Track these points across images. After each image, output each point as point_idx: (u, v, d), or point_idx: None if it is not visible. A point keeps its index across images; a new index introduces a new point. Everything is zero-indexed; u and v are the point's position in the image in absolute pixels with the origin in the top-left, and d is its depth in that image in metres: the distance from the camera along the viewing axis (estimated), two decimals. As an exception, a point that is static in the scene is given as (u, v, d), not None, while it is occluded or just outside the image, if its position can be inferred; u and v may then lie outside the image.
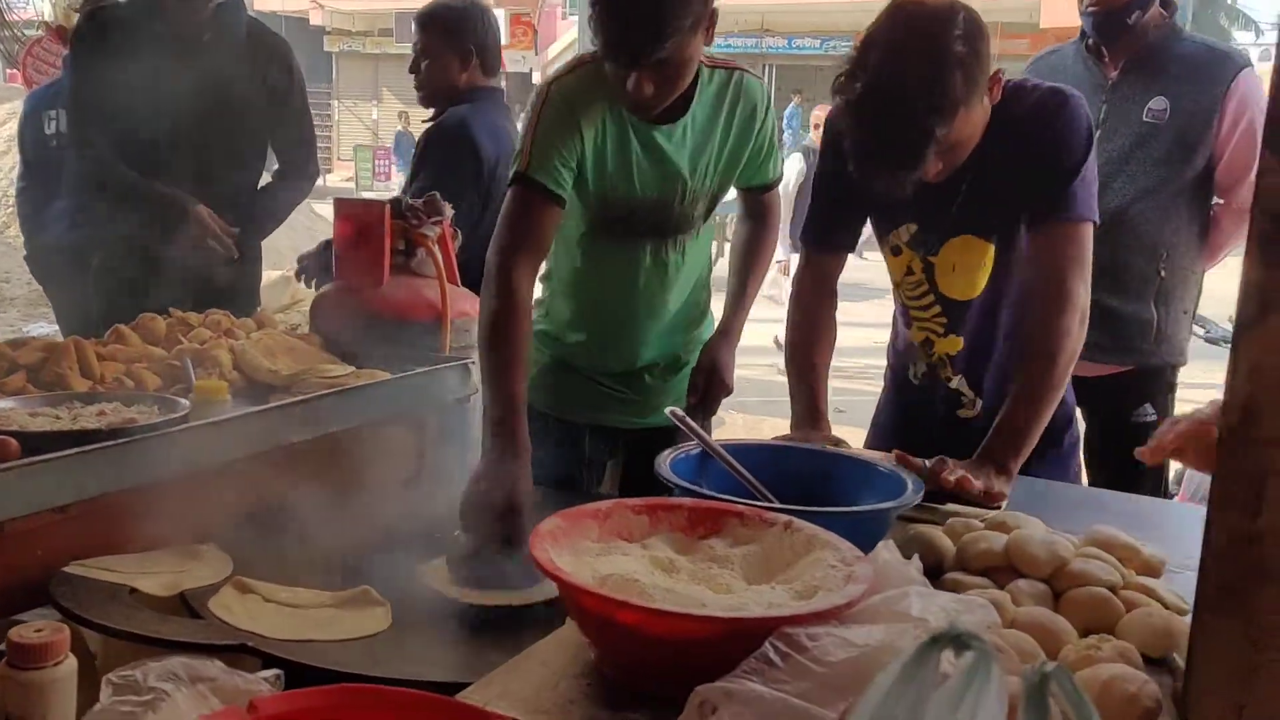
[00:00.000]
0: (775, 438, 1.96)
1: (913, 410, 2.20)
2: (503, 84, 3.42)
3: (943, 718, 0.64)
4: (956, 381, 2.11)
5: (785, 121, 22.76)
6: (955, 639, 0.62)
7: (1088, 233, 1.92)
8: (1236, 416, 0.61)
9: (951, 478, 1.73)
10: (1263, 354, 0.60)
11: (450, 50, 3.04)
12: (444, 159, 2.95)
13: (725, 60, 2.15)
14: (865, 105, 1.77)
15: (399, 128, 22.37)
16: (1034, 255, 1.95)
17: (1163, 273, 2.68)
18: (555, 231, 2.04)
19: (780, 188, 2.39)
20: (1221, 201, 2.75)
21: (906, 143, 1.74)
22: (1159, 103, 2.63)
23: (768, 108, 2.17)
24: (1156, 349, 2.71)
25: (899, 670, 0.64)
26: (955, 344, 2.08)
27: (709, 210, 2.21)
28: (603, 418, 2.33)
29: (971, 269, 2.00)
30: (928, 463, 1.76)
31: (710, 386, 2.19)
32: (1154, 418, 2.71)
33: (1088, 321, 1.92)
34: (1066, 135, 1.90)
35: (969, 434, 2.04)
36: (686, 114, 2.06)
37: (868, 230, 2.21)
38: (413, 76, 3.09)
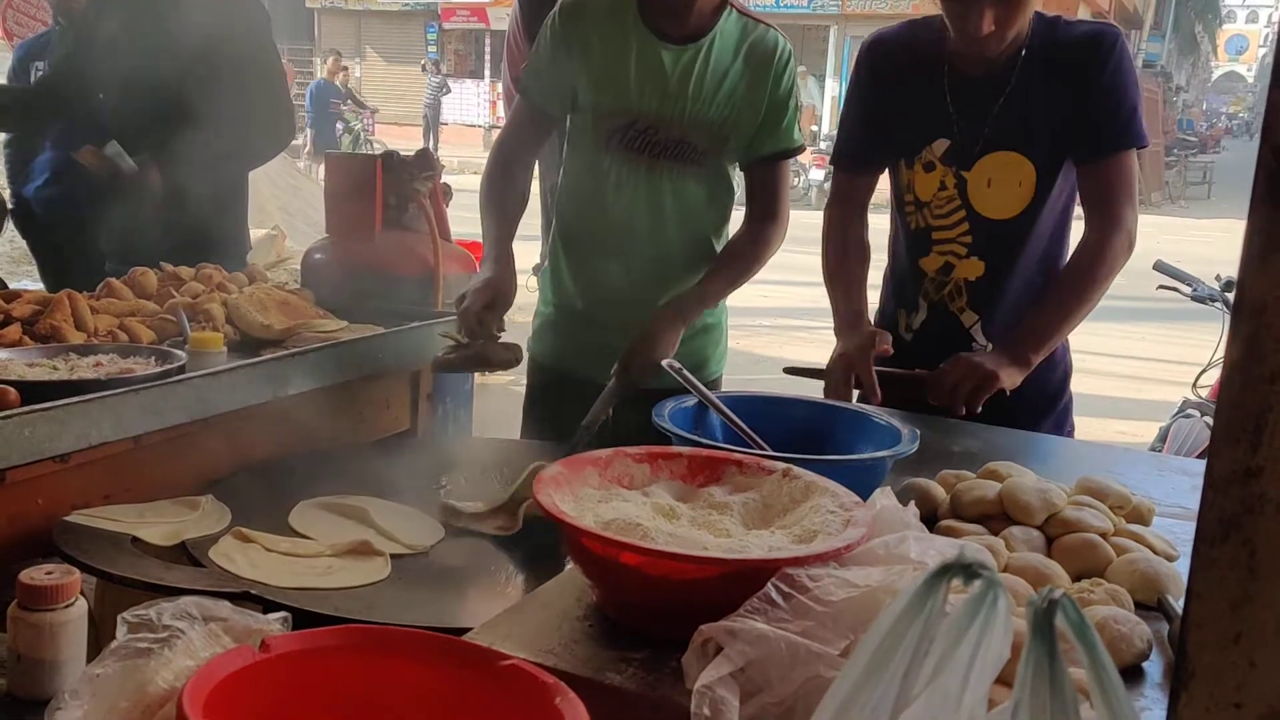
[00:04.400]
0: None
1: (910, 362, 2.17)
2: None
3: (950, 647, 0.66)
4: (970, 322, 2.12)
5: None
6: (964, 568, 0.63)
7: (1135, 160, 2.03)
8: (1240, 352, 0.62)
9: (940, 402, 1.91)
10: (1267, 291, 0.61)
11: None
12: None
13: (759, 15, 2.18)
14: None
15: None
16: (1086, 184, 2.04)
17: None
18: (545, 137, 2.31)
19: None
20: None
21: None
22: None
23: (787, 63, 2.16)
24: None
25: (907, 601, 0.66)
26: (976, 268, 2.10)
27: (719, 153, 2.17)
28: (602, 375, 2.32)
29: (1008, 185, 2.04)
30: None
31: (633, 356, 2.05)
32: None
33: (1134, 246, 2.02)
34: (1123, 75, 1.99)
35: None
36: (699, 42, 2.10)
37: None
38: None
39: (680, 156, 2.14)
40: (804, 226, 3.24)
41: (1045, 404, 2.12)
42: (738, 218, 2.28)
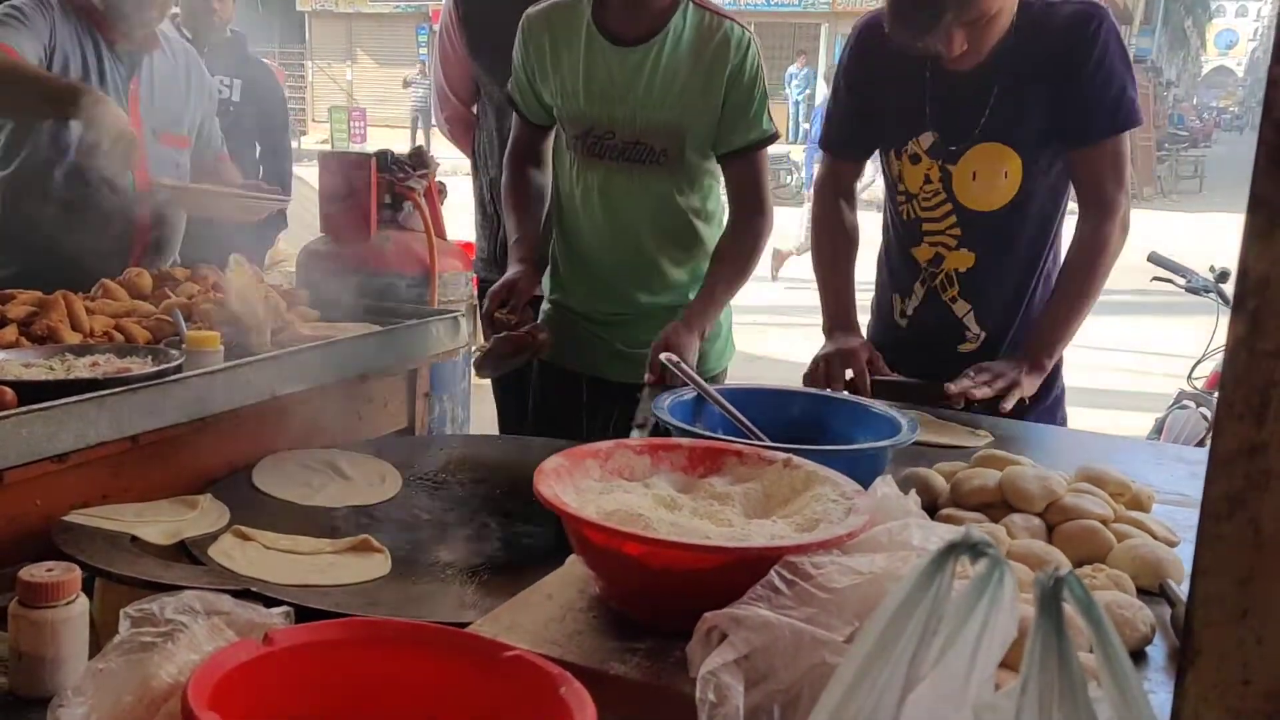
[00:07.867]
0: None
1: (903, 348, 2.17)
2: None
3: (957, 626, 0.66)
4: (962, 311, 2.11)
5: (786, 82, 22.85)
6: (970, 547, 0.63)
7: (1127, 140, 2.00)
8: (1243, 328, 0.62)
9: (961, 388, 1.90)
10: (1270, 267, 0.61)
11: None
12: None
13: (717, 8, 2.14)
14: None
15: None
16: (1078, 170, 2.03)
17: None
18: (544, 142, 2.34)
19: None
20: None
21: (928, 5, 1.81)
22: None
23: (747, 54, 2.14)
24: None
25: (914, 581, 0.66)
26: (967, 259, 2.09)
27: (679, 151, 2.17)
28: (599, 370, 2.35)
29: (993, 177, 2.03)
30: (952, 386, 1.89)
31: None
32: None
33: (1129, 229, 2.01)
34: (1109, 56, 1.95)
35: (965, 367, 2.05)
36: (650, 42, 2.09)
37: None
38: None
39: (638, 158, 2.17)
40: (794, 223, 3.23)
41: (1039, 393, 2.11)
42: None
